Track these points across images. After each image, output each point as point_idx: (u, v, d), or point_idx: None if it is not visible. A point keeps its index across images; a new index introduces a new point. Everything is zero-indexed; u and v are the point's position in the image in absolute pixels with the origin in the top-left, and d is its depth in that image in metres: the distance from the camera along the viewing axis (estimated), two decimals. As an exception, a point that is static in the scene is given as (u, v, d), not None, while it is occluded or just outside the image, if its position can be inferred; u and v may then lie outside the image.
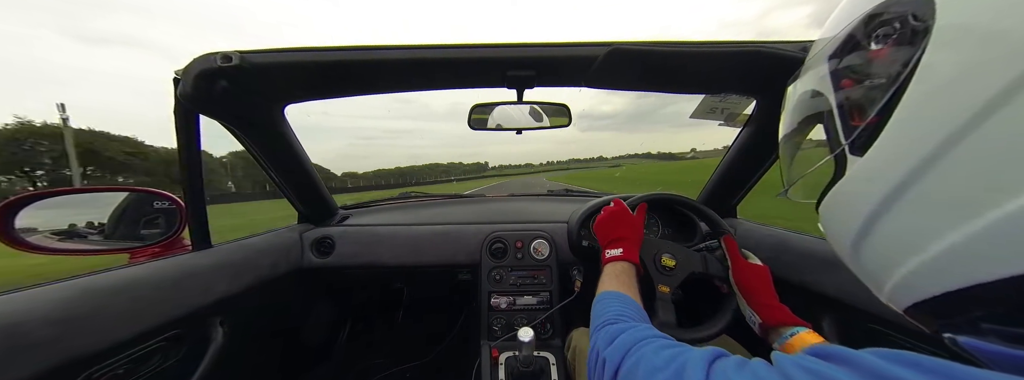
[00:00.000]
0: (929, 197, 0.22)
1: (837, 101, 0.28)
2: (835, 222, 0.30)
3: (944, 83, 0.21)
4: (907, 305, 0.26)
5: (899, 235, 0.24)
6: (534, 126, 0.99)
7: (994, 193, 0.19)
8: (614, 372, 0.41)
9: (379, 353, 1.62)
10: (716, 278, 0.78)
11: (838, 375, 0.23)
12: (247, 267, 0.89)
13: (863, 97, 0.26)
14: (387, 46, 0.67)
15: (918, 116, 0.22)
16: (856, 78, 0.27)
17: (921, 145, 0.22)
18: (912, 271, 0.23)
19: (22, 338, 0.48)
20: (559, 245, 1.12)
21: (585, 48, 0.67)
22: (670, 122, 26.12)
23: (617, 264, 0.67)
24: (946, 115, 0.21)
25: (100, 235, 0.82)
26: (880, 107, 0.24)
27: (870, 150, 0.25)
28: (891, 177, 0.23)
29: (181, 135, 0.75)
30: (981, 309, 0.22)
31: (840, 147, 0.28)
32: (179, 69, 0.66)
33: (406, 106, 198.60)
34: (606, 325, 0.50)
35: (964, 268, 0.21)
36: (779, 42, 0.63)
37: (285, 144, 0.93)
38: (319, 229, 1.16)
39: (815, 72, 0.30)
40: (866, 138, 0.25)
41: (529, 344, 0.79)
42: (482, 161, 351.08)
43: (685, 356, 0.35)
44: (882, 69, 0.24)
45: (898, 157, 0.23)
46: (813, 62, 0.31)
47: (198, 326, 0.76)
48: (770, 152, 0.96)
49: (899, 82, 0.23)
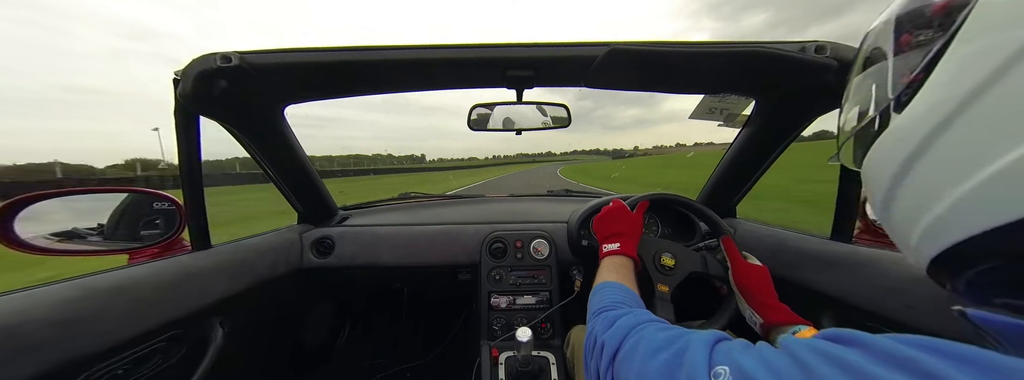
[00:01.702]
0: (955, 144, 0.23)
1: (892, 58, 0.30)
2: (872, 177, 0.32)
3: (978, 36, 0.22)
4: (931, 256, 0.26)
5: (927, 181, 0.26)
6: (534, 126, 0.99)
7: (1014, 136, 0.20)
8: (612, 354, 0.41)
9: (379, 353, 1.62)
10: (716, 278, 0.78)
11: (850, 356, 0.23)
12: (247, 267, 0.89)
13: (913, 54, 0.27)
14: (387, 46, 0.67)
15: (957, 67, 0.24)
16: (911, 36, 0.28)
17: (954, 92, 0.23)
18: (937, 216, 0.24)
19: (22, 339, 0.48)
20: (559, 245, 1.12)
21: (585, 48, 0.67)
22: (602, 124, 26.14)
23: (615, 258, 0.68)
24: (975, 66, 0.22)
25: (100, 236, 0.82)
26: (928, 61, 0.25)
27: (909, 105, 0.26)
28: (924, 126, 0.25)
29: (181, 136, 0.75)
30: (996, 259, 0.23)
31: (886, 102, 0.29)
32: (179, 69, 0.66)
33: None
34: (604, 311, 0.50)
35: (984, 210, 0.22)
36: (779, 42, 0.63)
37: (285, 145, 0.93)
38: (319, 229, 1.16)
39: (883, 24, 0.32)
40: (911, 94, 0.26)
41: (527, 344, 0.79)
42: (418, 154, 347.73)
43: (688, 337, 0.35)
44: (930, 30, 0.26)
45: (933, 107, 0.24)
46: (881, 27, 0.33)
47: (198, 326, 0.76)
48: (770, 152, 0.96)
49: (947, 36, 0.24)
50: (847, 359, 0.23)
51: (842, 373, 0.22)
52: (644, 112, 50.76)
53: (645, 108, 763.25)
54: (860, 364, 0.22)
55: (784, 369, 0.25)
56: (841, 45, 0.63)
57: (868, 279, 0.66)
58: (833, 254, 0.75)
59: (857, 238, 0.79)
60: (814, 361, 0.24)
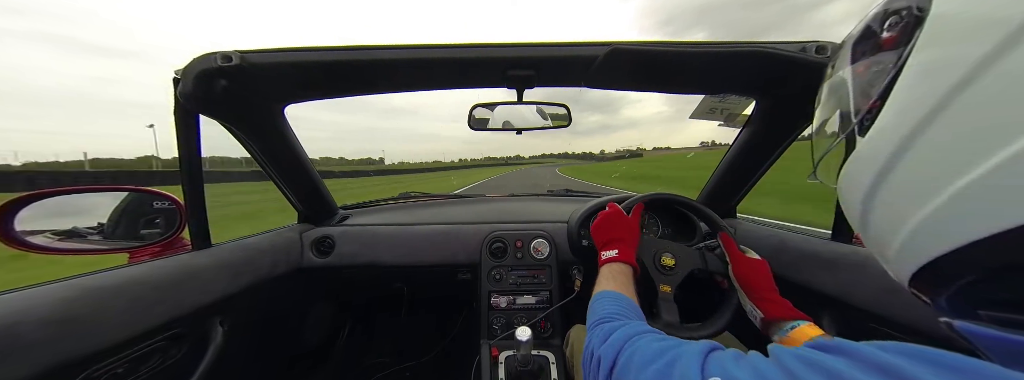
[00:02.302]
0: (921, 161, 0.24)
1: (852, 84, 0.31)
2: (846, 197, 0.32)
3: (932, 60, 0.23)
4: (912, 271, 0.26)
5: (897, 198, 0.26)
6: (535, 126, 0.99)
7: (992, 142, 0.20)
8: (609, 369, 0.41)
9: (379, 352, 1.62)
10: (716, 274, 0.78)
11: (836, 365, 0.24)
12: (247, 267, 0.89)
13: (870, 80, 0.28)
14: (387, 46, 0.67)
15: (912, 89, 0.24)
16: (867, 63, 0.29)
17: (912, 114, 0.23)
18: (914, 230, 0.25)
19: (21, 338, 0.48)
20: (559, 245, 1.12)
21: (585, 48, 0.67)
22: (569, 129, 27.20)
23: (613, 265, 0.68)
24: (933, 83, 0.23)
25: (100, 235, 0.82)
26: (882, 89, 0.26)
27: (871, 129, 0.27)
28: (887, 147, 0.25)
29: (181, 135, 0.75)
30: (977, 273, 0.23)
31: (850, 126, 0.30)
32: (179, 69, 0.66)
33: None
34: (600, 323, 0.50)
35: (961, 224, 0.22)
36: (779, 42, 0.63)
37: (285, 144, 0.93)
38: (319, 229, 1.16)
39: (842, 58, 0.33)
40: (870, 119, 0.27)
41: (526, 343, 0.79)
42: (376, 157, 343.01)
43: (679, 350, 0.35)
44: (886, 54, 0.27)
45: (896, 125, 0.25)
46: (841, 51, 0.34)
47: (198, 326, 0.76)
48: (770, 152, 0.96)
49: (899, 63, 0.25)
50: (833, 367, 0.24)
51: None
52: (606, 118, 49.52)
53: (607, 114, 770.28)
54: (844, 372, 0.23)
55: (774, 378, 0.26)
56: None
57: (869, 279, 0.66)
58: (834, 254, 0.75)
59: (857, 239, 0.79)
60: (801, 370, 0.25)
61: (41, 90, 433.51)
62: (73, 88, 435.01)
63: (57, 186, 0.77)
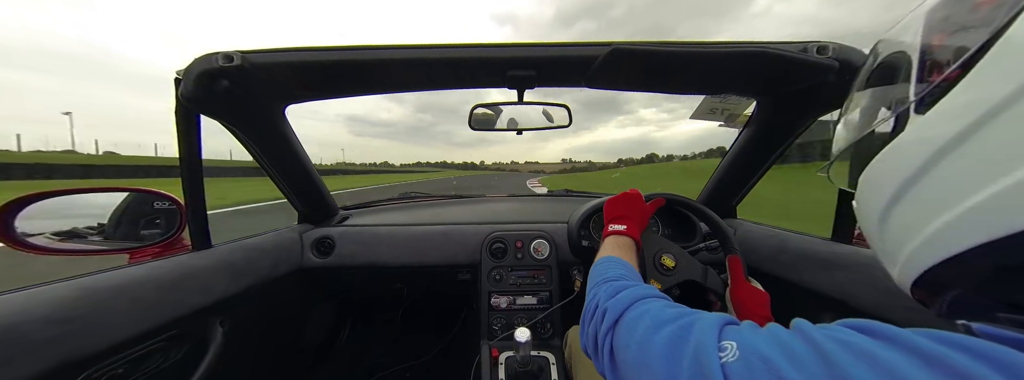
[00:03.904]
0: (973, 154, 0.22)
1: (920, 54, 0.28)
2: (872, 189, 0.31)
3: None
4: (926, 266, 0.25)
5: (932, 195, 0.25)
6: (535, 126, 0.99)
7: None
8: (614, 321, 0.40)
9: (379, 353, 1.62)
10: (712, 292, 0.77)
11: (883, 352, 0.21)
12: (247, 267, 0.89)
13: (950, 49, 0.25)
14: (388, 46, 0.67)
15: (994, 70, 0.22)
16: (951, 29, 0.26)
17: (988, 98, 0.21)
18: (947, 223, 0.23)
19: (21, 338, 0.48)
20: (559, 245, 1.12)
21: (586, 48, 0.67)
22: (445, 140, 25.56)
23: (619, 237, 0.67)
24: (1016, 70, 0.20)
25: (100, 235, 0.82)
26: (966, 59, 0.23)
27: (937, 105, 0.25)
28: (954, 126, 0.23)
29: (181, 135, 0.75)
30: (983, 274, 0.22)
31: (906, 104, 0.28)
32: (180, 69, 0.66)
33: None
34: (608, 281, 0.49)
35: (1000, 218, 0.21)
36: (780, 43, 0.63)
37: (286, 144, 0.93)
38: (319, 229, 1.16)
39: (906, 27, 0.31)
40: (938, 94, 0.25)
41: (526, 344, 0.79)
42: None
43: (696, 316, 0.34)
44: (980, 19, 0.24)
45: (961, 111, 0.23)
46: (908, 20, 0.31)
47: (198, 326, 0.76)
48: (770, 153, 0.96)
49: (992, 32, 0.22)
50: (874, 353, 0.21)
51: (870, 369, 0.20)
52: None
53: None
54: (889, 360, 0.20)
55: (801, 354, 0.23)
56: (843, 46, 0.63)
57: (870, 280, 0.66)
58: (834, 255, 0.75)
59: (857, 240, 0.79)
60: (838, 353, 0.22)
61: None
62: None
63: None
